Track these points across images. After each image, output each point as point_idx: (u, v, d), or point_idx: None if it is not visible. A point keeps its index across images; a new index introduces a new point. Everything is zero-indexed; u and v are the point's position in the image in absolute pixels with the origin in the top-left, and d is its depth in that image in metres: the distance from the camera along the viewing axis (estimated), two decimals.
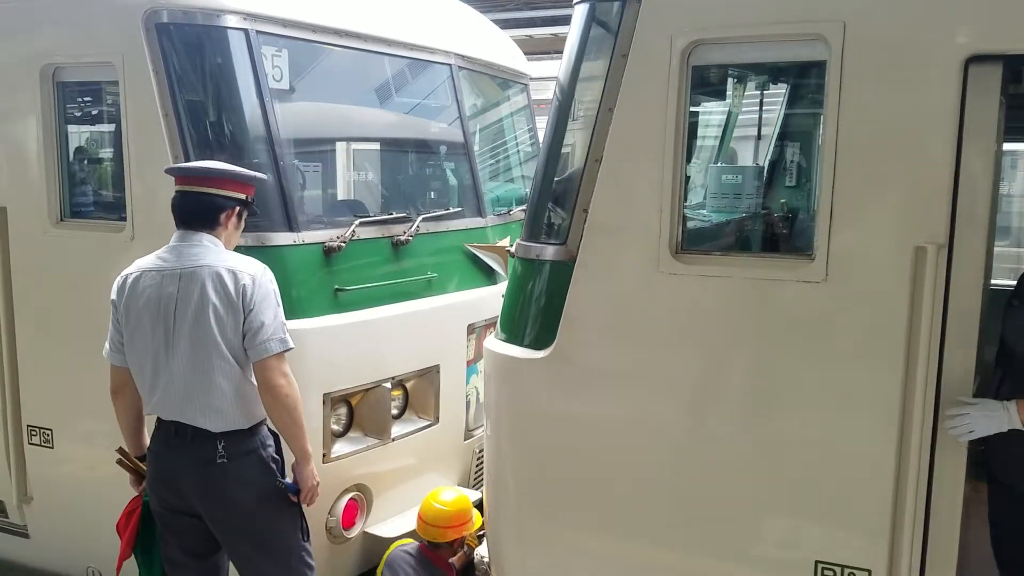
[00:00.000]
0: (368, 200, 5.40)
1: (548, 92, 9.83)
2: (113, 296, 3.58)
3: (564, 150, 3.63)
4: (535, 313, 3.65)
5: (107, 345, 3.66)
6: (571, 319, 3.47)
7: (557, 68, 3.72)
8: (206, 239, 3.55)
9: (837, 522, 3.18)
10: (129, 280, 3.54)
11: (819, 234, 3.09)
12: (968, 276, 2.97)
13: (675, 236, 3.28)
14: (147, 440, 3.73)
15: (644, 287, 3.34)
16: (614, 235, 3.38)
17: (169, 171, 3.70)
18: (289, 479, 3.64)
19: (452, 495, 4.74)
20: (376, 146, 5.68)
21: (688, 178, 3.42)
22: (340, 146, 5.27)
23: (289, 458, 3.67)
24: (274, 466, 3.60)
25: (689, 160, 3.53)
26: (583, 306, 3.45)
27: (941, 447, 3.07)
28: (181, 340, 3.43)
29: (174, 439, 3.50)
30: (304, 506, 3.67)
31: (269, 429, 3.62)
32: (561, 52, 3.71)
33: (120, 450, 3.76)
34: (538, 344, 3.58)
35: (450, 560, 4.67)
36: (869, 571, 3.14)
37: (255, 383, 3.52)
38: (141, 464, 3.73)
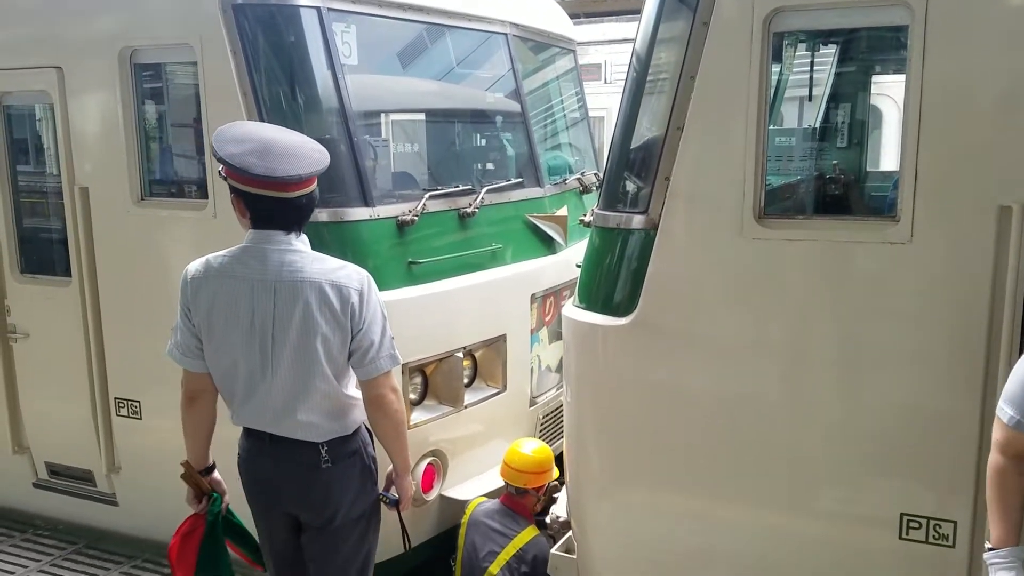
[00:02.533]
0: (433, 173, 5.50)
1: (589, 57, 9.81)
2: (185, 299, 3.27)
3: (643, 119, 3.69)
4: (616, 281, 3.73)
5: (175, 349, 3.33)
6: (654, 286, 3.55)
7: (598, 32, 3.75)
8: (295, 241, 3.23)
9: (923, 477, 3.27)
10: (205, 285, 3.22)
11: (904, 195, 3.14)
12: None
13: (759, 201, 3.34)
14: (210, 456, 3.51)
15: (728, 252, 3.41)
16: (697, 202, 3.45)
17: (258, 178, 3.06)
18: (381, 485, 3.59)
19: (535, 444, 4.96)
20: (439, 118, 5.76)
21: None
22: (406, 119, 5.37)
23: (384, 466, 3.56)
24: (373, 467, 3.47)
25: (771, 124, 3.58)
26: (666, 273, 3.53)
27: None
28: (282, 361, 3.19)
29: (270, 447, 3.32)
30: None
31: (365, 426, 3.49)
32: (604, 14, 3.74)
33: (186, 463, 3.45)
34: (620, 311, 3.67)
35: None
36: (955, 522, 3.23)
37: (354, 394, 3.36)
38: (204, 480, 3.46)
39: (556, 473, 4.95)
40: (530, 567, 4.61)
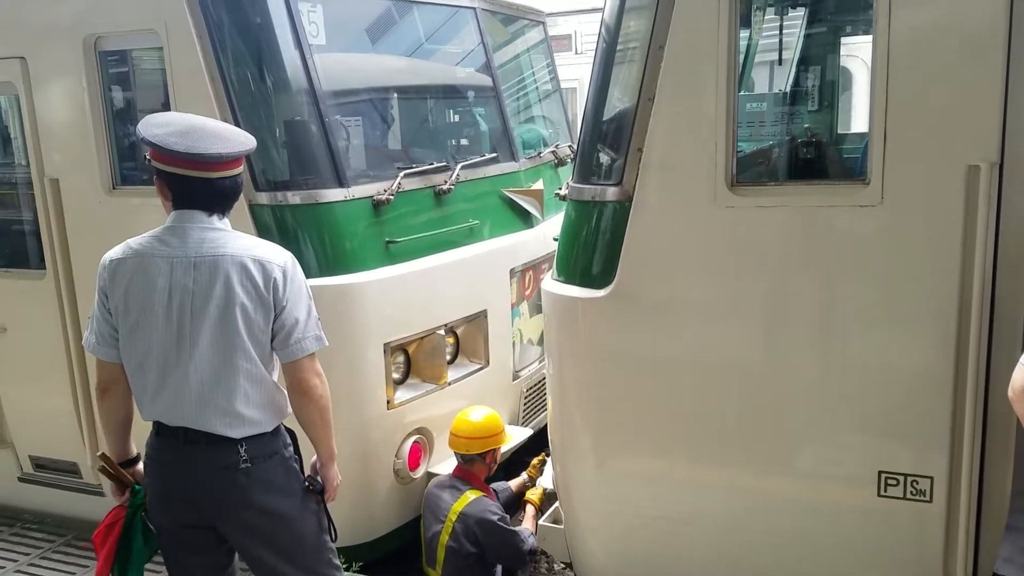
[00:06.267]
0: (407, 150, 5.49)
1: (559, 28, 9.75)
2: (102, 283, 3.15)
3: (614, 91, 3.69)
4: (594, 253, 3.76)
5: (91, 336, 3.22)
6: (631, 257, 3.58)
7: (568, 2, 3.74)
8: (217, 221, 3.15)
9: (900, 434, 3.34)
10: (124, 266, 3.10)
11: (873, 158, 3.17)
12: (1021, 193, 3.06)
13: (730, 170, 3.37)
14: (133, 446, 3.38)
15: (702, 221, 3.44)
16: (670, 172, 3.47)
17: (180, 155, 2.99)
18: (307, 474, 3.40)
19: (481, 413, 4.85)
20: (410, 95, 5.72)
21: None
22: (377, 98, 5.33)
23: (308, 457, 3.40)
24: (296, 467, 3.31)
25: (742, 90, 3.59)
26: (642, 243, 3.56)
27: (996, 359, 3.20)
28: (200, 339, 3.05)
29: (184, 447, 3.12)
30: (328, 504, 3.40)
31: (286, 427, 3.34)
32: None
33: (103, 456, 3.33)
34: (598, 283, 3.70)
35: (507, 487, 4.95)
36: (931, 478, 3.31)
37: (280, 385, 3.23)
38: (125, 471, 3.34)
39: (506, 439, 4.90)
40: (473, 529, 4.49)
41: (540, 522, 4.51)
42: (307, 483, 3.32)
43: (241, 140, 3.16)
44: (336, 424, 3.38)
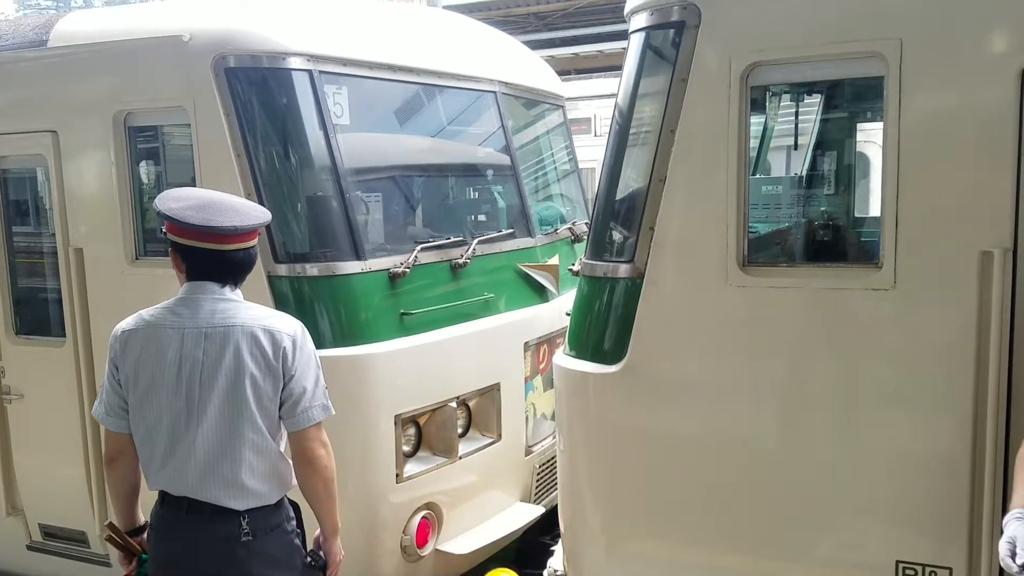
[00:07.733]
0: (425, 225, 5.58)
1: (579, 111, 9.99)
2: (113, 354, 3.20)
3: (626, 171, 3.76)
4: (605, 329, 3.77)
5: (100, 407, 3.27)
6: (642, 333, 3.59)
7: (588, 87, 3.84)
8: (229, 292, 3.21)
9: (917, 523, 3.26)
10: (134, 337, 3.15)
11: (885, 242, 3.19)
12: None
13: (742, 250, 3.40)
14: (141, 515, 3.40)
15: (713, 300, 3.45)
16: (681, 251, 3.51)
17: (195, 228, 3.07)
18: (310, 547, 3.40)
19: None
20: (430, 173, 5.85)
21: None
22: (397, 175, 5.44)
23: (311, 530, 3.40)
24: (298, 541, 3.31)
25: (753, 173, 3.64)
26: (653, 320, 3.57)
27: (1015, 445, 3.14)
28: (208, 408, 3.08)
29: (187, 516, 3.12)
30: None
31: (290, 500, 3.34)
32: (594, 70, 3.83)
33: (110, 525, 3.36)
34: (609, 359, 3.70)
35: None
36: (950, 569, 3.22)
37: (286, 457, 3.26)
38: (132, 541, 3.36)
39: None
40: None
41: None
42: (309, 558, 3.30)
43: (255, 214, 3.24)
44: (343, 496, 3.38)
